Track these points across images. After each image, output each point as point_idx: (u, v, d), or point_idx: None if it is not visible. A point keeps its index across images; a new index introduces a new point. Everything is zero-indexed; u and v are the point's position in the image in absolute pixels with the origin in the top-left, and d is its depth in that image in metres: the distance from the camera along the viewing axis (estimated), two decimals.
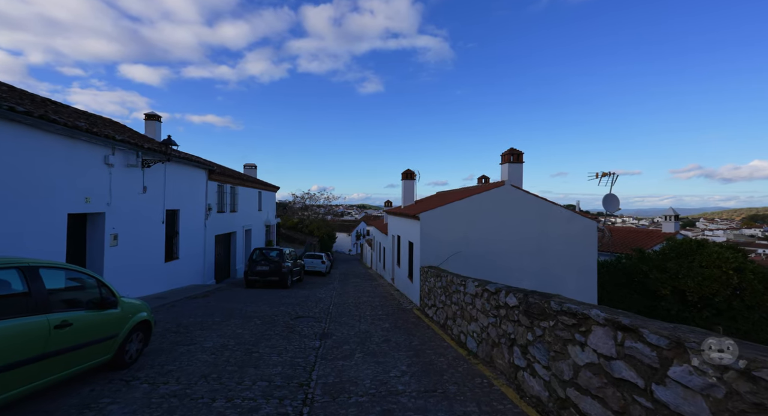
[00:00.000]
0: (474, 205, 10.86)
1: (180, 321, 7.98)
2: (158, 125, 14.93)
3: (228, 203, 17.69)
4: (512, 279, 10.72)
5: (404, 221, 13.75)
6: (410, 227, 12.39)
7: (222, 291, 12.98)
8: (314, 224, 46.56)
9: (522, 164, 11.16)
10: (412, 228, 12.08)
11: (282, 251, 16.29)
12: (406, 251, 13.47)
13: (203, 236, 14.66)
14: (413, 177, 16.48)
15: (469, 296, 6.41)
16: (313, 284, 18.09)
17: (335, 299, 12.83)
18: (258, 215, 23.12)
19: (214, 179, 15.84)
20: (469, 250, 10.78)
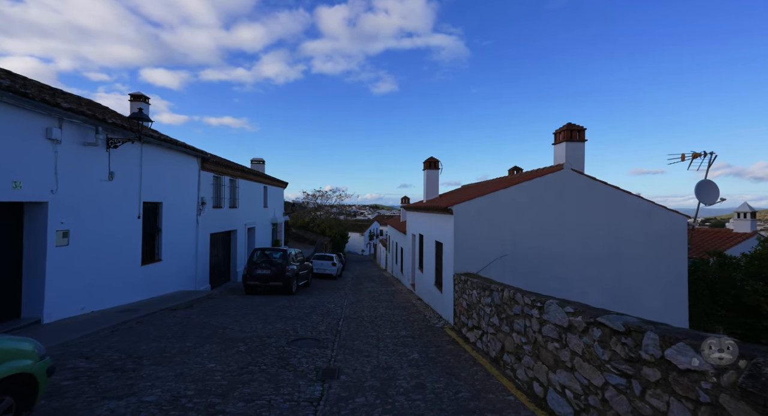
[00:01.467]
0: (524, 195, 8.53)
1: (135, 349, 5.88)
2: (145, 107, 12.99)
3: (227, 198, 15.71)
4: (573, 293, 8.34)
5: (429, 217, 11.47)
6: (438, 224, 10.12)
7: (213, 300, 10.93)
8: (326, 224, 44.61)
9: (584, 142, 8.76)
10: (441, 225, 9.80)
11: (286, 252, 14.20)
12: (431, 253, 11.19)
13: (195, 235, 12.67)
14: (437, 166, 14.19)
15: (552, 327, 4.12)
16: (322, 290, 15.97)
17: (347, 311, 10.64)
18: (263, 212, 21.15)
19: (208, 170, 13.85)
20: (516, 253, 8.46)
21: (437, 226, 10.28)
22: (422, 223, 12.88)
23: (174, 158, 11.29)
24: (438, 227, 10.20)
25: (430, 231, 11.32)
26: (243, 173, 17.30)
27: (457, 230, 8.46)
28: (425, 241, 12.27)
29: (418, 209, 13.34)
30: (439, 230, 10.01)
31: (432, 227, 11.09)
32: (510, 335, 5.29)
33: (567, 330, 3.84)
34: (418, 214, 13.67)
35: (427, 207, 11.16)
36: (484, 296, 6.39)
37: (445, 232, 9.34)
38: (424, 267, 12.54)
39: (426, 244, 12.14)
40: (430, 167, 14.16)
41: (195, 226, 12.68)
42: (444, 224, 9.41)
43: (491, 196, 8.50)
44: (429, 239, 11.59)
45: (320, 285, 17.74)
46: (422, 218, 12.84)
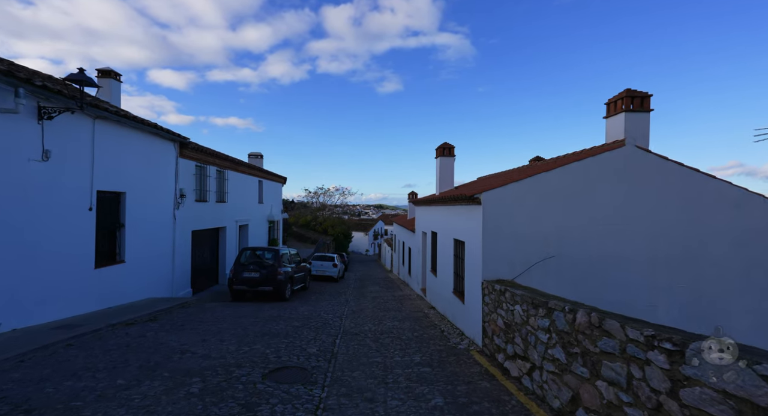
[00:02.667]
0: (574, 179, 6.63)
1: (32, 394, 4.05)
2: (116, 86, 11.23)
3: (213, 191, 13.93)
4: (638, 307, 6.44)
5: (446, 210, 9.60)
6: (459, 219, 8.24)
7: (187, 309, 9.11)
8: (328, 222, 42.85)
9: (648, 113, 6.82)
10: (463, 219, 7.93)
11: (278, 253, 12.40)
12: (448, 254, 9.32)
13: (172, 232, 10.89)
14: (451, 153, 12.30)
15: (715, 396, 2.23)
16: (321, 295, 14.15)
17: (347, 323, 8.81)
18: (258, 209, 19.38)
19: (189, 157, 12.07)
20: (563, 254, 6.56)
21: (457, 221, 8.40)
22: (436, 218, 11.00)
23: (143, 141, 9.50)
24: (458, 222, 8.32)
25: (448, 227, 9.44)
26: (233, 163, 15.52)
27: (487, 225, 6.57)
28: (440, 239, 10.39)
29: (430, 203, 11.47)
30: (461, 225, 8.13)
31: (450, 223, 9.21)
32: (592, 383, 3.41)
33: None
34: (431, 209, 11.79)
35: (443, 199, 9.29)
36: (537, 317, 4.51)
37: (469, 227, 7.46)
38: (438, 271, 10.66)
39: (441, 243, 10.26)
40: (443, 155, 12.28)
41: (172, 222, 10.90)
42: (467, 218, 7.54)
43: (531, 180, 6.60)
44: (445, 238, 9.71)
45: (319, 289, 15.93)
46: (436, 213, 10.96)
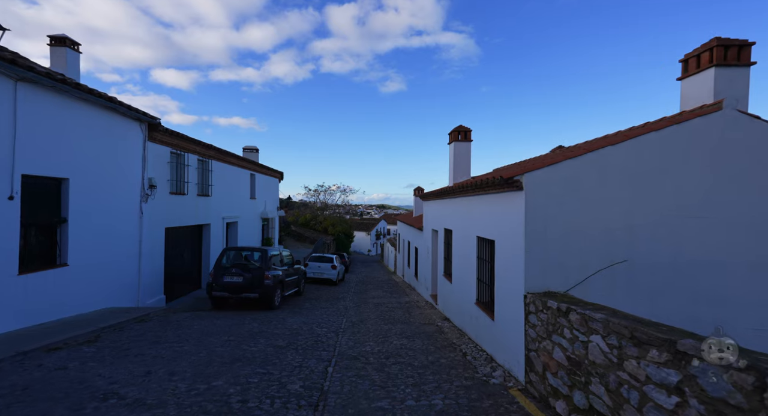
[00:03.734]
0: (651, 154, 4.87)
1: None
2: (73, 57, 9.53)
3: (194, 183, 12.23)
4: (740, 326, 4.68)
5: (467, 203, 7.87)
6: (487, 211, 6.50)
7: (146, 324, 7.39)
8: (329, 221, 41.14)
9: (749, 67, 5.06)
10: (492, 212, 6.18)
11: (266, 253, 10.70)
12: (469, 255, 7.58)
13: (138, 228, 9.19)
14: (468, 138, 10.53)
15: None
16: (317, 301, 12.43)
17: (343, 341, 7.08)
18: (249, 205, 17.68)
19: (162, 142, 10.36)
20: (635, 256, 4.81)
21: (483, 214, 6.64)
22: (451, 213, 9.25)
23: (96, 118, 7.80)
24: (485, 216, 6.57)
25: (468, 223, 7.70)
26: (218, 153, 13.81)
27: (532, 218, 4.82)
28: (457, 238, 8.64)
29: (443, 196, 9.73)
30: (488, 219, 6.38)
31: (471, 217, 7.46)
32: None
33: None
34: (444, 203, 10.04)
35: (462, 188, 7.53)
36: (646, 362, 2.76)
37: (502, 222, 5.71)
38: (454, 276, 8.91)
39: (458, 242, 8.51)
40: (458, 140, 10.51)
41: (138, 217, 9.20)
42: (500, 210, 5.79)
43: (592, 157, 4.84)
44: (465, 236, 7.96)
45: (315, 294, 14.21)
46: (451, 207, 9.21)
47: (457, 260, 8.66)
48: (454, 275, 8.95)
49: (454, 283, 8.86)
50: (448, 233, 9.91)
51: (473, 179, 6.93)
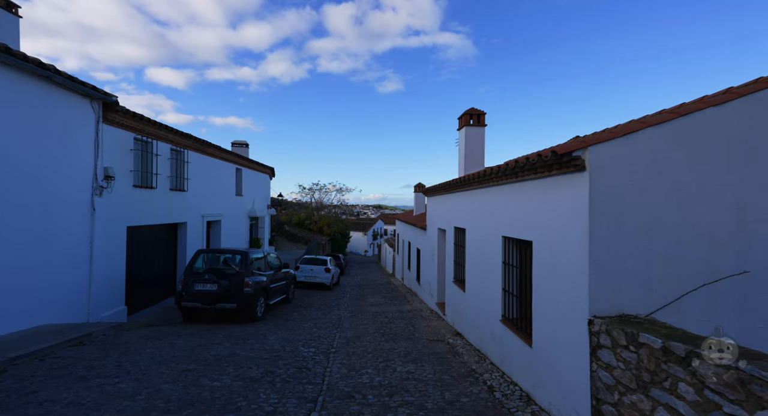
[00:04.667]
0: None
1: None
2: (10, 21, 7.94)
3: (166, 175, 10.68)
4: None
5: (487, 195, 6.41)
6: (522, 204, 5.02)
7: (78, 349, 5.83)
8: (324, 221, 39.58)
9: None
10: (531, 205, 4.71)
11: (247, 256, 9.21)
12: (491, 260, 6.13)
13: (88, 227, 7.66)
14: (481, 122, 9.03)
15: None
16: (307, 310, 10.93)
17: (335, 369, 5.57)
18: (235, 202, 16.14)
19: (123, 126, 8.81)
20: (748, 261, 3.36)
21: (516, 208, 5.18)
22: (465, 209, 7.80)
23: (26, 90, 6.26)
24: (517, 210, 5.11)
25: (491, 220, 6.23)
26: (196, 143, 12.26)
27: (601, 210, 3.38)
28: (472, 239, 7.18)
29: (453, 188, 8.27)
30: (523, 214, 4.91)
31: (495, 213, 6.00)
32: None
33: None
34: (456, 197, 8.58)
35: (483, 177, 6.07)
36: None
37: (545, 217, 4.25)
38: (469, 283, 7.43)
39: (475, 244, 7.05)
40: (470, 124, 9.03)
41: (88, 213, 7.66)
42: (542, 201, 4.32)
43: (686, 122, 3.40)
44: (484, 236, 6.50)
45: (306, 300, 12.70)
46: (465, 202, 7.76)
47: (472, 265, 7.20)
48: (468, 282, 7.48)
49: (469, 292, 7.39)
50: (459, 232, 8.45)
51: (500, 166, 5.47)
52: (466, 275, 7.61)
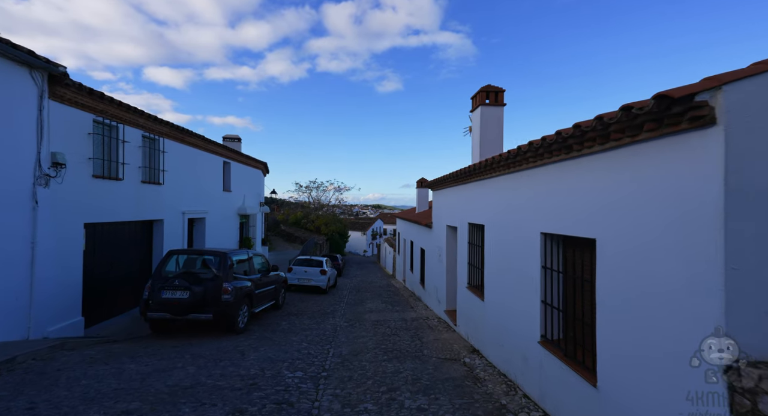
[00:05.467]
0: None
1: None
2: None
3: (136, 165, 9.35)
4: None
5: (522, 180, 5.14)
6: (578, 189, 3.72)
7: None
8: (321, 220, 38.25)
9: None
10: (595, 188, 3.41)
11: (226, 257, 7.91)
12: (525, 264, 4.84)
13: (29, 223, 6.34)
14: (499, 101, 7.69)
15: None
16: (298, 318, 9.61)
17: (325, 403, 4.24)
18: (222, 198, 14.82)
19: (79, 105, 7.47)
20: None
21: (566, 194, 3.87)
22: (483, 202, 6.50)
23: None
24: (570, 197, 3.81)
25: (522, 214, 4.94)
26: (174, 130, 10.93)
27: (742, 186, 2.08)
28: (494, 237, 5.87)
29: (468, 178, 6.99)
30: (578, 202, 3.61)
31: (529, 204, 4.71)
32: None
33: None
34: (470, 188, 7.29)
35: (513, 158, 4.78)
36: None
37: (628, 206, 2.95)
38: (491, 291, 6.12)
39: (499, 243, 5.74)
40: (485, 104, 7.69)
41: (29, 207, 6.34)
42: (625, 183, 3.02)
43: None
44: (513, 232, 5.20)
45: (299, 306, 11.39)
46: (484, 193, 6.46)
47: (494, 269, 5.90)
48: (488, 289, 6.18)
49: (490, 302, 6.09)
50: (475, 229, 7.15)
51: (544, 138, 4.17)
52: (486, 280, 6.31)
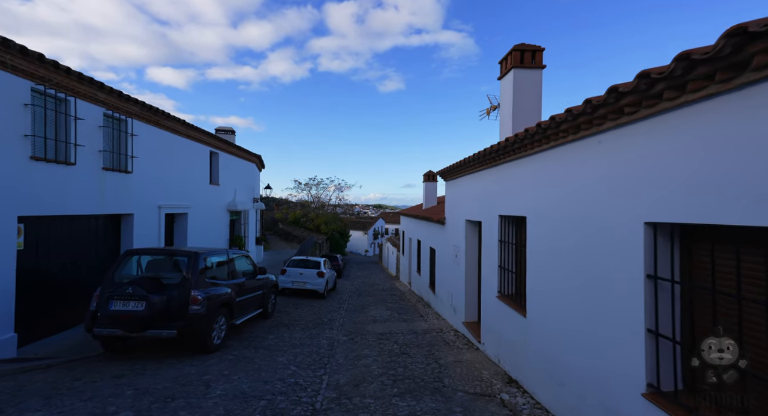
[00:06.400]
0: None
1: None
2: None
3: (96, 149, 7.83)
4: None
5: (616, 144, 3.56)
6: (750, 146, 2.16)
7: None
8: (321, 219, 36.72)
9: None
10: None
11: (197, 259, 6.40)
12: (612, 270, 3.31)
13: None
14: (538, 62, 6.05)
15: None
16: (290, 329, 8.05)
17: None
18: (209, 192, 13.30)
19: (7, 67, 5.94)
20: None
21: (707, 159, 2.32)
22: (526, 187, 4.95)
23: None
24: (704, 165, 2.25)
25: (602, 199, 3.39)
26: (147, 111, 9.39)
27: None
28: (545, 234, 4.33)
29: (500, 159, 5.44)
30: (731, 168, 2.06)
31: (620, 183, 3.16)
32: None
33: None
34: (501, 172, 5.73)
35: (592, 112, 3.26)
36: None
37: None
38: (539, 305, 4.56)
39: (551, 242, 4.20)
40: (520, 65, 6.02)
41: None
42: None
43: None
44: (582, 228, 3.66)
45: (292, 314, 9.84)
46: (528, 175, 4.91)
47: (546, 275, 4.35)
48: (535, 302, 4.63)
49: (538, 319, 4.54)
50: (510, 223, 5.60)
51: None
52: (530, 290, 4.77)
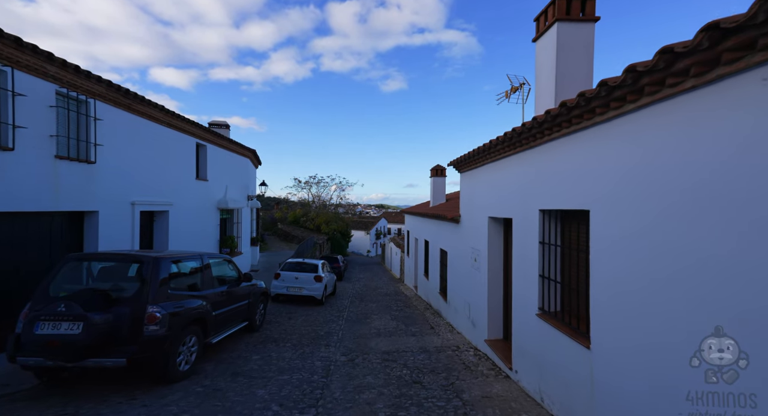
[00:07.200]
0: None
1: None
2: None
3: (46, 133, 6.55)
4: None
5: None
6: None
7: None
8: (321, 218, 35.44)
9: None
10: None
11: (158, 265, 5.07)
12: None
13: None
14: (589, 15, 4.76)
15: None
16: (278, 346, 6.70)
17: None
18: (196, 188, 12.03)
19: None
20: None
21: None
22: (587, 173, 3.64)
23: None
24: None
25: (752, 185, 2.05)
26: (114, 91, 8.10)
27: None
28: (628, 234, 3.01)
29: (537, 139, 4.13)
30: None
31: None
32: None
33: None
34: (542, 153, 4.41)
35: None
36: None
37: None
38: (612, 328, 3.23)
39: (638, 246, 2.87)
40: (566, 17, 4.64)
41: None
42: None
43: None
44: (698, 226, 2.33)
45: (285, 324, 8.53)
46: (590, 155, 3.59)
47: (630, 294, 3.04)
48: (606, 328, 3.30)
49: (613, 354, 3.21)
50: (556, 220, 4.29)
51: None
52: (594, 311, 3.45)
